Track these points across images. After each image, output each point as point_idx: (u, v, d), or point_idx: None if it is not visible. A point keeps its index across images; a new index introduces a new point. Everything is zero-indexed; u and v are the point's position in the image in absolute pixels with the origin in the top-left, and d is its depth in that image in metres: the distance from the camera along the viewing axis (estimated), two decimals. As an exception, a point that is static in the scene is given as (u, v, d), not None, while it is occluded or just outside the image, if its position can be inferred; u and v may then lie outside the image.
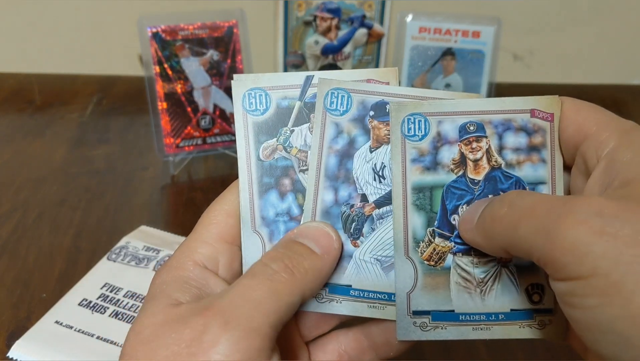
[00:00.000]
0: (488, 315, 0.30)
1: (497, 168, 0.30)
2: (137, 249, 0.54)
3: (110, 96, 0.89)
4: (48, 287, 0.52)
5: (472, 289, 0.30)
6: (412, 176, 0.30)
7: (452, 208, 0.30)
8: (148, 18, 0.65)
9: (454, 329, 0.30)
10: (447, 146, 0.30)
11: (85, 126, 0.80)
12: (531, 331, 0.30)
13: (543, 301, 0.30)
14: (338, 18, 0.72)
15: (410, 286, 0.30)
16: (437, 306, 0.30)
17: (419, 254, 0.30)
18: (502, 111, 0.30)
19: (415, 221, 0.30)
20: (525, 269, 0.30)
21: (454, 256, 0.30)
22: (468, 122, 0.30)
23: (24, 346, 0.44)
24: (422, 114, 0.30)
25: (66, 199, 0.64)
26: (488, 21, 0.70)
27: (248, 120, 0.31)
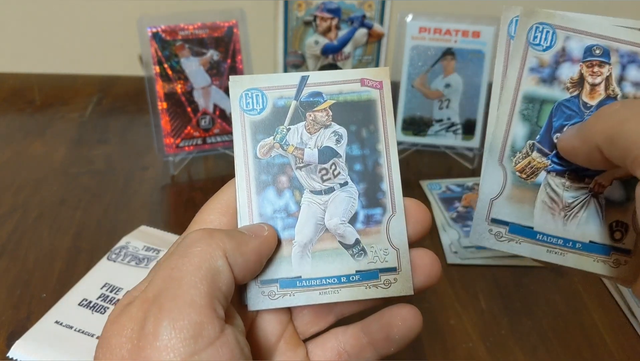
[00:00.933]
0: (566, 241, 0.30)
1: (612, 97, 0.30)
2: (137, 249, 0.54)
3: (110, 96, 0.89)
4: (48, 287, 0.52)
5: (557, 212, 0.30)
6: (526, 84, 0.30)
7: (557, 126, 0.30)
8: (148, 18, 0.65)
9: (528, 246, 0.30)
10: (568, 63, 0.30)
11: (85, 126, 0.80)
12: (604, 267, 0.30)
13: (624, 240, 0.30)
14: (338, 18, 0.72)
15: (495, 193, 0.30)
16: (517, 220, 0.30)
17: (512, 165, 0.30)
18: (631, 43, 0.30)
19: (518, 131, 0.30)
20: (614, 205, 0.30)
21: (547, 175, 0.30)
22: (595, 45, 0.30)
23: (24, 346, 0.44)
24: (552, 25, 0.30)
25: (66, 199, 0.64)
26: (488, 21, 0.70)
27: (245, 119, 0.31)
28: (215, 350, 0.24)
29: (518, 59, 0.30)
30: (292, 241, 0.31)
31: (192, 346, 0.23)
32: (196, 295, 0.24)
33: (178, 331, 0.23)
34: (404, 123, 0.72)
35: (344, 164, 0.31)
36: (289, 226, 0.31)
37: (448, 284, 0.54)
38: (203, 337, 0.24)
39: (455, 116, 0.71)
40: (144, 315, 0.24)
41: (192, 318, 0.24)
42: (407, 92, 0.72)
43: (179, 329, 0.23)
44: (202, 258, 0.26)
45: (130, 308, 0.25)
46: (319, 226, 0.31)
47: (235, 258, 0.27)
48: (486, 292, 0.53)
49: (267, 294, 0.30)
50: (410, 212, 0.31)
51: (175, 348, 0.23)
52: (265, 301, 0.30)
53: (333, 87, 0.32)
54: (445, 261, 0.56)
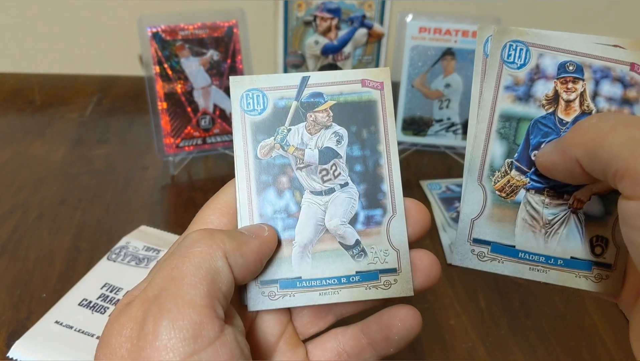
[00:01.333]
0: (547, 258, 0.30)
1: (587, 113, 0.30)
2: (137, 249, 0.54)
3: (110, 96, 0.89)
4: (48, 287, 0.52)
5: (537, 229, 0.30)
6: (502, 103, 0.30)
7: (535, 144, 0.30)
8: (148, 18, 0.65)
9: (510, 265, 0.30)
10: (543, 80, 0.30)
11: (85, 126, 0.80)
12: (587, 282, 0.30)
13: (605, 254, 0.30)
14: (338, 18, 0.72)
15: (476, 213, 0.30)
16: (499, 239, 0.30)
17: (492, 183, 0.30)
18: (604, 58, 0.30)
19: (496, 150, 0.30)
20: (594, 219, 0.30)
21: (526, 192, 0.30)
22: (568, 62, 0.30)
23: (24, 346, 0.44)
24: (525, 42, 0.30)
25: (66, 199, 0.64)
26: (488, 21, 0.70)
27: (246, 120, 0.31)
28: (214, 349, 0.24)
29: (493, 77, 0.30)
30: (292, 242, 0.31)
31: (192, 346, 0.23)
32: (196, 295, 0.24)
33: (178, 331, 0.23)
34: (404, 123, 0.72)
35: (344, 164, 0.31)
36: (289, 227, 0.31)
37: (448, 284, 0.54)
38: (202, 337, 0.24)
39: (455, 116, 0.71)
40: (144, 315, 0.24)
41: (192, 318, 0.24)
42: (407, 92, 0.72)
43: (178, 329, 0.23)
44: (202, 258, 0.26)
45: (130, 307, 0.25)
46: (319, 227, 0.31)
47: (235, 259, 0.27)
48: (486, 292, 0.53)
49: (267, 295, 0.30)
50: (410, 212, 0.31)
51: (174, 347, 0.23)
52: (265, 301, 0.30)
53: (334, 88, 0.32)
54: (445, 261, 0.56)
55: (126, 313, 0.25)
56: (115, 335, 0.24)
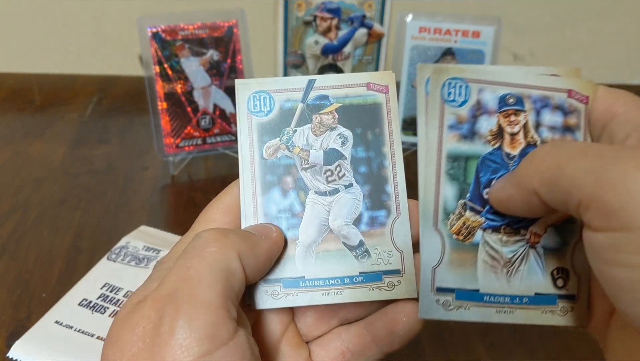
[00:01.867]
0: (512, 298, 0.30)
1: (532, 145, 0.30)
2: (137, 249, 0.54)
3: (110, 96, 0.89)
4: (48, 287, 0.52)
5: (499, 269, 0.30)
6: (448, 143, 0.30)
7: (485, 182, 0.30)
8: (148, 18, 0.65)
9: (477, 310, 0.29)
10: (485, 116, 0.30)
11: (85, 126, 0.80)
12: (553, 317, 0.30)
13: (567, 286, 0.30)
14: (338, 18, 0.72)
15: (436, 261, 0.29)
16: (462, 284, 0.29)
17: (448, 227, 0.30)
18: (541, 87, 0.30)
19: (447, 192, 0.30)
20: (552, 252, 0.30)
21: (483, 233, 0.30)
22: (508, 94, 0.30)
23: (24, 346, 0.44)
24: (464, 79, 0.30)
25: (66, 199, 0.64)
26: (488, 21, 0.70)
27: (252, 121, 0.31)
28: (227, 350, 0.24)
29: (436, 118, 0.29)
30: (296, 241, 0.31)
31: (206, 346, 0.23)
32: (212, 296, 0.24)
33: (194, 330, 0.23)
34: (404, 123, 0.72)
35: (349, 166, 0.31)
36: (294, 226, 0.31)
37: (448, 284, 0.54)
38: (217, 338, 0.24)
39: (455, 116, 0.71)
40: (159, 314, 0.24)
41: (208, 318, 0.24)
42: (407, 92, 0.72)
43: (194, 328, 0.23)
44: (217, 259, 0.26)
45: (142, 306, 0.25)
46: (323, 227, 0.31)
47: (248, 260, 0.27)
48: (486, 292, 0.53)
49: (270, 294, 0.30)
50: (414, 214, 0.31)
51: (189, 347, 0.23)
52: (269, 300, 0.30)
53: (339, 91, 0.32)
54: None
55: (138, 312, 0.25)
56: (126, 334, 0.24)
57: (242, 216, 0.31)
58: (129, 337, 0.24)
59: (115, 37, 0.93)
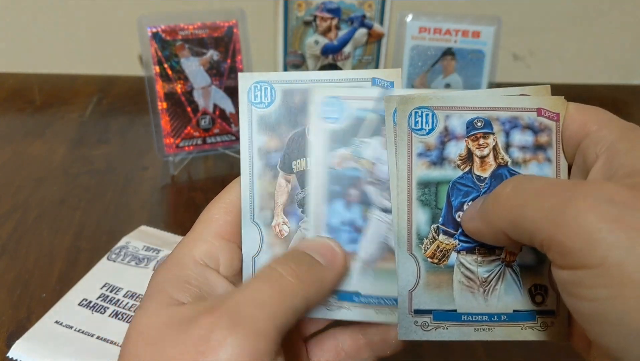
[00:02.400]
0: (490, 316, 0.30)
1: (503, 166, 0.30)
2: (137, 249, 0.54)
3: (110, 96, 0.89)
4: (48, 287, 0.52)
5: (475, 289, 0.30)
6: (418, 170, 0.30)
7: (457, 205, 0.30)
8: (148, 18, 0.65)
9: (455, 329, 0.30)
10: (454, 141, 0.30)
11: (85, 126, 0.80)
12: (533, 333, 0.30)
13: (546, 302, 0.30)
14: (338, 18, 0.72)
15: (412, 284, 0.30)
16: (439, 305, 0.30)
17: (422, 251, 0.30)
18: (509, 108, 0.30)
19: (420, 217, 0.30)
20: (529, 269, 0.30)
21: (457, 255, 0.30)
22: (476, 118, 0.30)
23: (24, 346, 0.44)
24: (430, 107, 0.30)
25: (66, 199, 0.64)
26: (488, 21, 0.70)
27: (325, 127, 0.31)
28: None
29: (404, 147, 0.30)
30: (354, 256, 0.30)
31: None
32: (271, 327, 0.24)
33: (242, 351, 0.23)
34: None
35: None
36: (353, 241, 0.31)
37: (448, 284, 0.54)
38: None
39: (455, 116, 0.71)
40: (214, 324, 0.24)
41: (260, 346, 0.24)
42: (407, 92, 0.72)
43: (243, 349, 0.23)
44: (292, 296, 0.26)
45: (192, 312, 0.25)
46: (383, 245, 0.31)
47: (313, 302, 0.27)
48: (486, 292, 0.53)
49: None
50: None
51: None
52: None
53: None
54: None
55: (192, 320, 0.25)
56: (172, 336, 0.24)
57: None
58: (175, 339, 0.24)
59: (115, 37, 0.93)
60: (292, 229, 0.31)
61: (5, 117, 0.83)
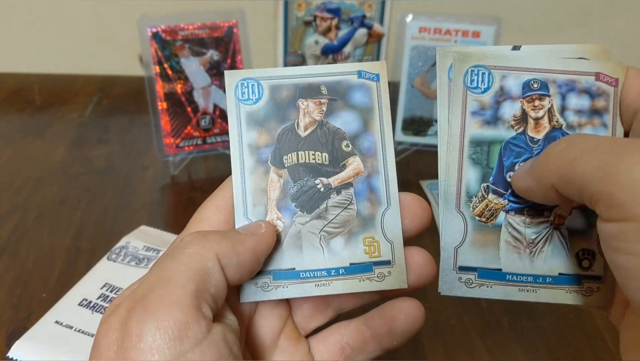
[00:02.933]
0: (535, 277, 0.30)
1: (557, 128, 0.30)
2: (137, 249, 0.54)
3: (110, 96, 0.89)
4: (48, 287, 0.52)
5: (522, 250, 0.30)
6: (471, 129, 0.30)
7: (508, 165, 0.30)
8: (148, 18, 0.65)
9: (499, 288, 0.30)
10: (509, 102, 0.30)
11: (85, 126, 0.80)
12: (577, 297, 0.30)
13: (593, 267, 0.30)
14: (338, 18, 0.72)
15: (458, 241, 0.30)
16: (484, 264, 0.30)
17: (470, 210, 0.30)
18: (567, 72, 0.30)
19: (470, 175, 0.30)
20: (577, 233, 0.30)
21: (506, 215, 0.30)
22: (532, 80, 0.30)
23: (24, 346, 0.44)
24: (487, 66, 0.30)
25: (66, 199, 0.64)
26: (488, 21, 0.70)
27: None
28: (201, 350, 0.24)
29: (458, 105, 0.30)
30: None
31: (178, 347, 0.23)
32: (182, 295, 0.24)
33: (163, 331, 0.23)
34: (404, 123, 0.72)
35: None
36: None
37: (448, 284, 0.54)
38: (189, 337, 0.23)
39: (455, 116, 0.71)
40: (129, 315, 0.24)
41: (178, 317, 0.24)
42: (407, 92, 0.72)
43: (163, 329, 0.23)
44: (193, 260, 0.26)
45: (118, 308, 0.25)
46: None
47: (229, 259, 0.27)
48: (486, 292, 0.53)
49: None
50: (410, 207, 0.31)
51: (159, 348, 0.23)
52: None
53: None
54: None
55: (114, 314, 0.25)
56: (103, 336, 0.24)
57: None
58: (105, 341, 0.24)
59: (115, 37, 0.93)
60: (286, 224, 0.31)
61: (5, 117, 0.83)
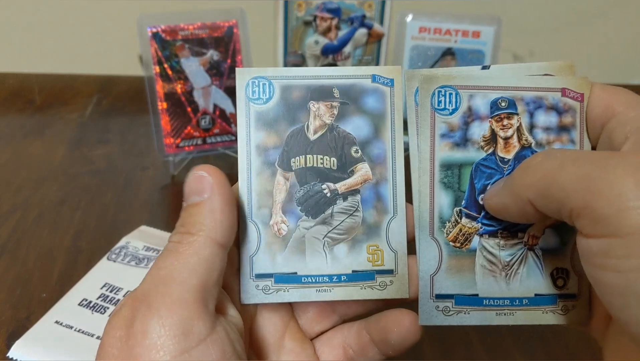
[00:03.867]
0: (512, 300, 0.29)
1: (527, 147, 0.29)
2: (137, 249, 0.54)
3: (110, 96, 0.89)
4: (48, 287, 0.52)
5: (498, 273, 0.29)
6: (441, 152, 0.29)
7: (480, 188, 0.29)
8: (148, 18, 0.65)
9: (477, 314, 0.29)
10: (477, 122, 0.29)
11: (85, 126, 0.80)
12: (554, 316, 0.30)
13: (567, 285, 0.30)
14: (338, 18, 0.72)
15: (434, 269, 0.29)
16: (461, 290, 0.29)
17: (444, 235, 0.29)
18: (534, 88, 0.29)
19: (442, 200, 0.29)
20: (551, 253, 0.30)
21: (480, 238, 0.30)
22: (500, 98, 0.29)
23: (24, 346, 0.44)
24: (454, 86, 0.29)
25: (66, 199, 0.64)
26: (488, 21, 0.70)
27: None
28: (206, 347, 0.24)
29: (427, 127, 0.29)
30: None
31: (183, 343, 0.23)
32: (185, 291, 0.24)
33: (167, 329, 0.23)
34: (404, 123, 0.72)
35: None
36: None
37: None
38: (193, 334, 0.23)
39: (455, 116, 0.71)
40: (133, 314, 0.24)
41: (182, 314, 0.24)
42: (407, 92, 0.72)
43: (168, 327, 0.23)
44: (190, 252, 0.25)
45: (122, 308, 0.25)
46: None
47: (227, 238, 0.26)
48: (486, 292, 0.53)
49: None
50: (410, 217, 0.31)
51: (164, 346, 0.23)
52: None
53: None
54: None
55: (118, 314, 0.25)
56: (108, 336, 0.24)
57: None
58: (110, 340, 0.24)
59: (115, 37, 0.93)
60: (290, 228, 0.30)
61: (5, 117, 0.83)
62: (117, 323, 0.24)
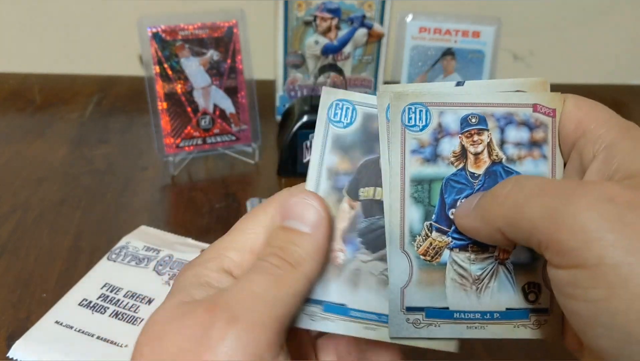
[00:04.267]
0: (483, 314, 0.30)
1: (497, 163, 0.30)
2: (137, 249, 0.54)
3: (110, 96, 0.89)
4: (48, 287, 0.52)
5: (468, 287, 0.30)
6: (411, 167, 0.29)
7: (450, 202, 0.29)
8: (148, 18, 0.65)
9: (447, 327, 0.29)
10: (448, 138, 0.29)
11: (85, 126, 0.80)
12: (526, 331, 0.30)
13: (539, 300, 0.30)
14: (338, 18, 0.72)
15: (404, 282, 0.29)
16: (431, 303, 0.29)
17: (415, 249, 0.29)
18: (505, 104, 0.29)
19: (413, 215, 0.29)
20: (522, 267, 0.30)
21: (450, 252, 0.29)
22: (470, 114, 0.29)
23: (24, 346, 0.44)
24: (424, 103, 0.29)
25: (66, 199, 0.64)
26: (488, 21, 0.70)
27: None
28: None
29: (397, 143, 0.29)
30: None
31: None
32: (269, 317, 0.24)
33: (243, 344, 0.23)
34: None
35: None
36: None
37: (448, 284, 0.54)
38: (261, 359, 0.23)
39: (455, 116, 0.71)
40: (213, 319, 0.24)
41: (260, 338, 0.24)
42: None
43: (244, 343, 0.23)
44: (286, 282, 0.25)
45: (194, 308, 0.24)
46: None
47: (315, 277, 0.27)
48: (486, 292, 0.53)
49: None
50: None
51: (233, 358, 0.23)
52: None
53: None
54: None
55: (191, 313, 0.24)
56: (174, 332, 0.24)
57: None
58: (176, 336, 0.24)
59: (115, 37, 0.93)
60: (347, 258, 0.29)
61: (5, 117, 0.83)
62: (190, 322, 0.24)
